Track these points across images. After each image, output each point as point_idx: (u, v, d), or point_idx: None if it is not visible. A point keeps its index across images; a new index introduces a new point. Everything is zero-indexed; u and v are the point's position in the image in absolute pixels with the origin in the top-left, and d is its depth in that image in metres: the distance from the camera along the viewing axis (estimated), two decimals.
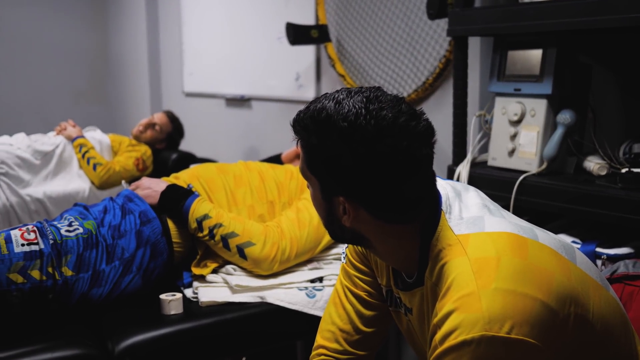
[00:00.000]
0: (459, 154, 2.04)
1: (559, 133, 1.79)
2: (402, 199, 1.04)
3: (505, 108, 1.93)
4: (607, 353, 1.03)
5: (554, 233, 1.15)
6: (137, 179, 2.31)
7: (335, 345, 1.31)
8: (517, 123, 1.90)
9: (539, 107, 1.84)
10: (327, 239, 2.05)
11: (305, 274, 1.99)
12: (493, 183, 1.89)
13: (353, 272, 1.31)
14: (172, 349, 1.77)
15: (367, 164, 1.00)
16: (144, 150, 3.63)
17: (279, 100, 3.45)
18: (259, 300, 1.89)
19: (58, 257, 1.79)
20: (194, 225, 1.95)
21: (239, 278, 1.95)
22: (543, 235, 1.06)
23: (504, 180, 1.85)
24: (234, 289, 1.91)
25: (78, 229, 1.86)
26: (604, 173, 1.76)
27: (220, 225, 1.94)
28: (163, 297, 1.85)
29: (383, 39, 2.66)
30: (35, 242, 1.78)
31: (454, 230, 1.04)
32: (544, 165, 1.82)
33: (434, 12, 2.08)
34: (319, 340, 1.33)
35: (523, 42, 1.88)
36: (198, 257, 2.01)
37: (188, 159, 3.62)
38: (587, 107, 1.88)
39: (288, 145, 2.78)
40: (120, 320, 1.82)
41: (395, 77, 2.62)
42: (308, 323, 1.83)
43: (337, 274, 1.81)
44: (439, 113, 2.38)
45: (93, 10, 5.49)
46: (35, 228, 1.83)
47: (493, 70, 1.97)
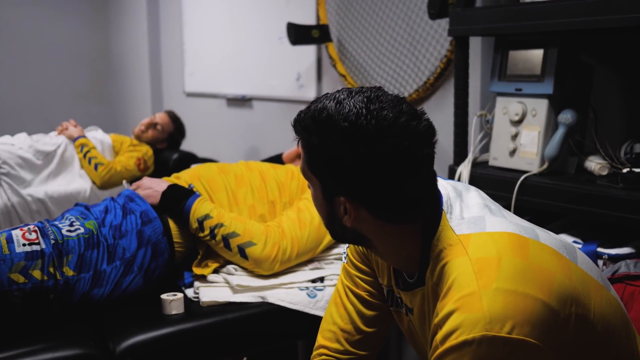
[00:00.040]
0: (460, 154, 2.04)
1: (560, 133, 1.79)
2: (403, 199, 1.03)
3: (507, 108, 1.93)
4: (608, 353, 1.03)
5: (555, 233, 1.15)
6: (138, 179, 2.31)
7: (337, 345, 1.31)
8: (518, 123, 1.90)
9: (540, 107, 1.84)
10: (328, 239, 2.05)
11: (306, 274, 1.99)
12: (494, 183, 1.89)
13: (354, 272, 1.31)
14: (173, 349, 1.77)
15: (368, 164, 1.00)
16: (145, 150, 3.63)
17: (280, 100, 3.45)
18: (260, 300, 1.89)
19: (59, 257, 1.79)
20: (195, 225, 1.95)
21: (240, 278, 1.95)
22: (544, 235, 1.06)
23: (505, 180, 1.85)
24: (235, 289, 1.91)
25: (79, 229, 1.87)
26: (605, 173, 1.76)
27: (222, 225, 1.94)
28: (164, 297, 1.86)
29: (384, 39, 2.66)
30: (37, 242, 1.78)
31: (455, 230, 1.04)
32: (545, 165, 1.82)
33: (435, 11, 2.08)
34: (320, 340, 1.33)
35: (524, 42, 1.88)
36: (199, 257, 2.01)
37: (189, 159, 3.62)
38: (588, 107, 1.88)
39: (289, 145, 2.77)
40: (122, 320, 1.82)
41: (396, 77, 2.62)
42: (309, 323, 1.83)
43: (338, 274, 1.81)
44: (440, 113, 2.37)
45: (94, 10, 5.49)
46: (37, 228, 1.83)
47: (494, 70, 1.97)
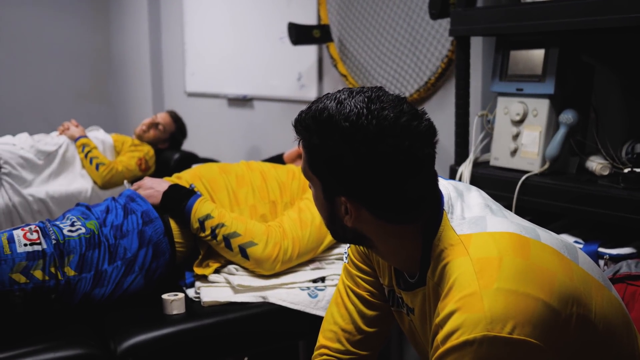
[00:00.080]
0: (461, 154, 2.04)
1: (562, 133, 1.78)
2: (404, 199, 1.03)
3: (508, 108, 1.93)
4: (609, 353, 1.03)
5: (556, 233, 1.15)
6: (139, 179, 2.31)
7: (338, 345, 1.30)
8: (519, 123, 1.90)
9: (542, 107, 1.84)
10: (329, 239, 2.05)
11: (308, 274, 1.99)
12: (495, 183, 1.89)
13: (355, 272, 1.31)
14: (174, 349, 1.77)
15: (368, 164, 1.00)
16: (147, 150, 3.63)
17: (281, 100, 3.45)
18: (261, 300, 1.89)
19: (60, 257, 1.79)
20: (196, 225, 1.95)
21: (241, 278, 1.95)
22: (545, 235, 1.06)
23: (506, 180, 1.85)
24: (236, 289, 1.91)
25: (80, 229, 1.87)
26: (607, 173, 1.76)
27: (223, 225, 1.94)
28: (165, 297, 1.86)
29: (385, 39, 2.66)
30: (38, 242, 1.78)
31: (456, 230, 1.04)
32: (546, 165, 1.82)
33: (436, 11, 2.08)
34: (321, 340, 1.33)
35: (525, 41, 1.88)
36: (200, 257, 2.01)
37: (190, 159, 3.62)
38: (589, 107, 1.88)
39: (290, 145, 2.77)
40: (123, 320, 1.82)
41: (398, 77, 2.62)
42: (310, 323, 1.83)
43: (339, 274, 1.81)
44: (441, 113, 2.37)
45: (95, 10, 5.50)
46: (38, 228, 1.83)
47: (495, 70, 1.97)
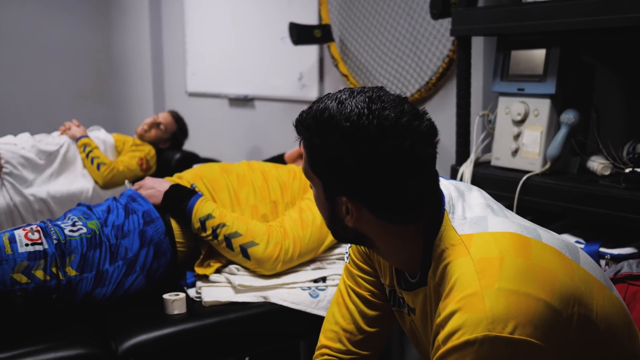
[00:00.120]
0: (462, 154, 2.04)
1: (563, 133, 1.78)
2: (405, 199, 1.03)
3: (509, 108, 1.92)
4: (610, 353, 1.03)
5: (558, 233, 1.15)
6: (140, 179, 2.32)
7: (339, 345, 1.30)
8: (520, 123, 1.89)
9: (543, 106, 1.84)
10: (330, 239, 2.05)
11: (309, 274, 2.00)
12: (496, 183, 1.89)
13: (356, 272, 1.31)
14: (175, 349, 1.77)
15: (369, 164, 1.00)
16: (148, 150, 3.63)
17: (282, 100, 3.45)
18: (262, 300, 1.89)
19: (62, 257, 1.80)
20: (197, 225, 1.95)
21: (242, 278, 1.95)
22: (546, 235, 1.06)
23: (508, 180, 1.85)
24: (237, 289, 1.91)
25: (82, 229, 1.87)
26: (608, 173, 1.75)
27: (224, 225, 1.94)
28: (166, 296, 1.86)
29: (386, 39, 2.66)
30: (39, 242, 1.79)
31: (457, 230, 1.04)
32: (548, 165, 1.82)
33: (437, 11, 2.08)
34: (322, 340, 1.33)
35: (526, 41, 1.88)
36: (201, 257, 2.01)
37: (191, 159, 3.62)
38: (590, 107, 1.88)
39: (291, 145, 2.77)
40: (124, 320, 1.83)
41: (399, 77, 2.62)
42: (311, 323, 1.83)
43: (340, 274, 1.81)
44: (442, 113, 2.37)
45: (96, 10, 5.50)
46: (39, 228, 1.83)
47: (496, 70, 1.97)
